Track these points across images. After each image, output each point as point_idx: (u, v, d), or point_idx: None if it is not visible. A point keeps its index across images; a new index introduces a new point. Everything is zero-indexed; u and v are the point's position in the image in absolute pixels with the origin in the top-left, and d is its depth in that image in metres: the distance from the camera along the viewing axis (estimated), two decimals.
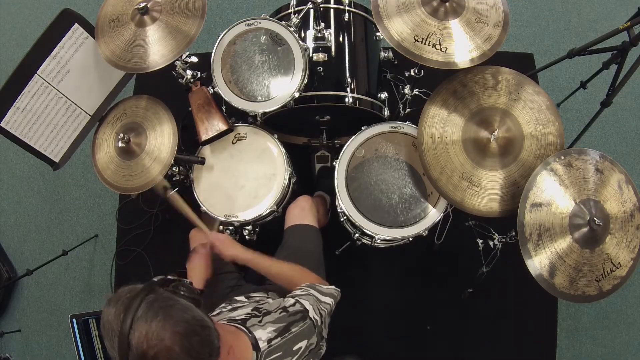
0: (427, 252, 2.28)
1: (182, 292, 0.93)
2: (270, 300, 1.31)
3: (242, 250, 1.48)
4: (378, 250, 2.08)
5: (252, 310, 1.20)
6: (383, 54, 2.00)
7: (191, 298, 0.93)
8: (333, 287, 1.35)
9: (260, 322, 1.12)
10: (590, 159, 1.49)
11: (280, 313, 1.15)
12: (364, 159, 1.81)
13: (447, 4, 1.55)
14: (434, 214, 1.74)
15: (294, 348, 1.11)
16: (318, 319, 1.17)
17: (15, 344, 2.48)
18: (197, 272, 1.52)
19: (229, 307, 1.32)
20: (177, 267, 2.27)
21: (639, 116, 2.58)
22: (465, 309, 2.25)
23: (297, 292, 1.27)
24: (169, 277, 0.95)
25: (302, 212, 1.76)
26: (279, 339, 1.09)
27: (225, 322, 1.13)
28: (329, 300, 1.28)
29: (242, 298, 1.42)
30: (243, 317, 1.16)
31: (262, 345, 1.07)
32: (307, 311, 1.16)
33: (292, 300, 1.19)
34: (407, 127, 1.83)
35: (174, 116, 1.76)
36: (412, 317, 2.27)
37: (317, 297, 1.25)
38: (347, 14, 1.85)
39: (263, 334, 1.09)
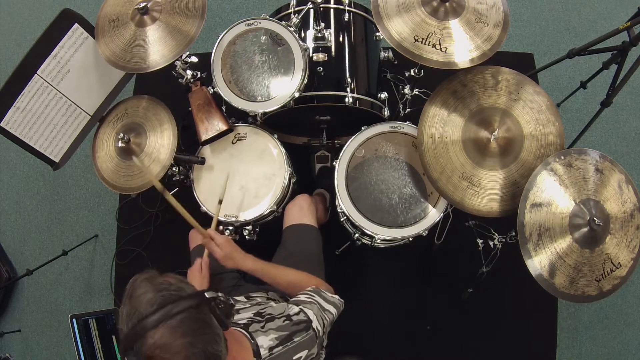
0: (427, 252, 2.28)
1: (218, 310, 0.92)
2: (272, 303, 1.31)
3: (243, 259, 1.40)
4: (378, 250, 2.08)
5: (254, 314, 1.20)
6: (383, 54, 2.00)
7: (224, 322, 0.93)
8: (337, 297, 1.34)
9: (262, 327, 1.12)
10: (590, 159, 1.49)
11: (284, 321, 1.14)
12: (364, 159, 1.81)
13: (447, 4, 1.55)
14: (434, 214, 1.74)
15: (294, 358, 1.10)
16: (320, 329, 1.17)
17: (15, 344, 2.48)
18: (195, 282, 1.49)
19: None
20: (177, 267, 2.28)
21: (639, 116, 2.58)
22: (465, 309, 2.25)
23: (302, 297, 1.26)
24: (219, 294, 0.94)
25: (301, 211, 1.76)
26: (281, 347, 1.09)
27: None
28: (332, 309, 1.27)
29: (242, 298, 1.42)
30: (245, 321, 1.15)
31: (264, 352, 1.06)
32: (311, 321, 1.16)
33: (296, 309, 1.18)
34: (407, 127, 1.83)
35: (174, 116, 1.76)
36: (412, 317, 2.27)
37: (321, 305, 1.24)
38: (347, 14, 1.85)
39: (265, 341, 1.08)
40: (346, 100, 1.76)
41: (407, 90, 2.06)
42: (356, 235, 1.91)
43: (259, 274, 1.40)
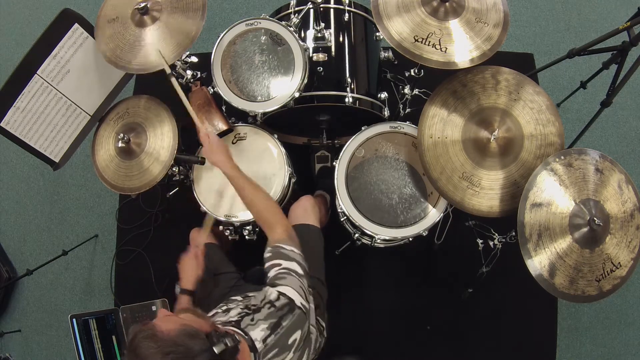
0: (427, 252, 2.28)
1: (226, 355, 0.93)
2: (255, 294, 1.31)
3: (226, 160, 1.49)
4: (378, 250, 2.08)
5: (243, 308, 1.20)
6: (383, 54, 2.00)
7: None
8: (298, 251, 1.32)
9: (252, 320, 1.13)
10: (590, 159, 1.49)
11: (268, 308, 1.15)
12: (364, 159, 1.81)
13: (447, 4, 1.55)
14: (434, 214, 1.74)
15: (289, 341, 1.12)
16: (305, 304, 1.18)
17: (15, 344, 2.48)
18: (188, 272, 1.54)
19: (224, 308, 1.31)
20: (177, 267, 2.27)
21: (639, 116, 2.58)
22: (466, 309, 2.25)
23: (272, 272, 1.25)
24: (227, 342, 0.94)
25: (305, 213, 1.75)
26: (273, 336, 1.10)
27: (221, 327, 1.13)
28: (295, 266, 1.26)
29: (238, 297, 1.42)
30: (236, 318, 1.16)
31: (259, 346, 1.07)
32: (293, 301, 1.17)
33: (275, 294, 1.18)
34: (407, 127, 1.83)
35: (174, 116, 1.76)
36: (412, 317, 2.27)
37: (295, 270, 1.24)
38: (347, 14, 1.85)
39: (257, 334, 1.09)
40: (346, 100, 1.76)
41: (407, 90, 2.06)
42: (356, 235, 1.91)
43: (235, 183, 1.45)
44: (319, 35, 1.79)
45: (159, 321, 0.95)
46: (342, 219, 1.94)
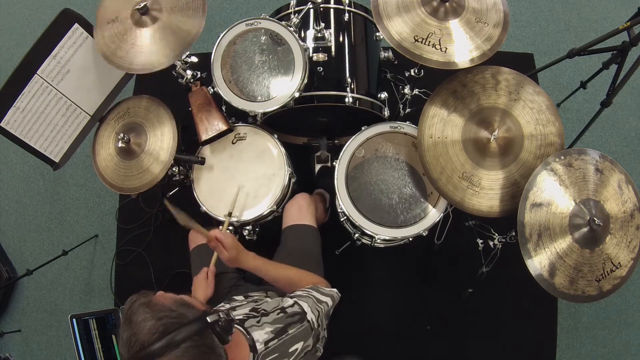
0: (427, 252, 2.28)
1: (219, 328, 0.92)
2: (268, 299, 1.32)
3: (247, 260, 1.41)
4: (378, 250, 2.08)
5: (250, 310, 1.21)
6: (383, 54, 2.00)
7: (224, 339, 0.93)
8: (335, 290, 1.35)
9: (258, 322, 1.13)
10: (590, 159, 1.49)
11: (278, 314, 1.15)
12: (364, 159, 1.81)
13: (447, 4, 1.55)
14: (434, 214, 1.73)
15: (290, 350, 1.12)
16: (315, 321, 1.18)
17: (15, 344, 2.48)
18: (199, 292, 1.55)
19: (227, 306, 1.32)
20: (177, 267, 2.28)
21: (639, 116, 2.58)
22: (465, 309, 2.25)
23: (298, 292, 1.27)
24: (221, 315, 0.94)
25: (300, 212, 1.76)
26: (276, 340, 1.10)
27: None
28: (329, 301, 1.28)
29: (240, 297, 1.43)
30: (241, 317, 1.16)
31: (259, 347, 1.07)
32: (305, 313, 1.17)
33: (290, 301, 1.20)
34: (407, 127, 1.83)
35: (174, 116, 1.76)
36: (412, 317, 2.27)
37: (317, 298, 1.25)
38: (347, 14, 1.85)
39: (260, 336, 1.09)
40: (346, 100, 1.76)
41: (407, 90, 2.06)
42: (356, 235, 1.91)
43: (262, 272, 1.41)
44: (319, 35, 1.79)
45: (156, 295, 0.97)
46: (342, 219, 1.94)
